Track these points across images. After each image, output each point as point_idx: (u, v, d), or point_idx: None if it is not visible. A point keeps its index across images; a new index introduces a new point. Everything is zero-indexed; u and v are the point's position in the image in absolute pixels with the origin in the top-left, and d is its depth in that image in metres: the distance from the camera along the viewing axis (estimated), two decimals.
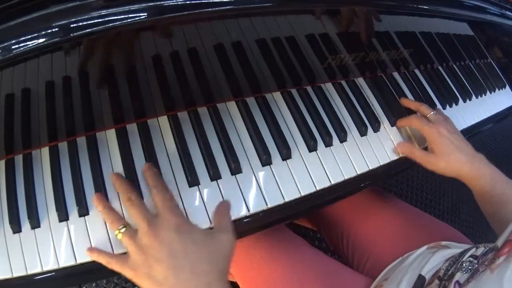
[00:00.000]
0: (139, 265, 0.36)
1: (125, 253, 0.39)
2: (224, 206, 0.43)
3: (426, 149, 0.57)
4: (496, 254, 0.36)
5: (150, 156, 0.45)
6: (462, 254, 0.46)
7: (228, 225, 0.40)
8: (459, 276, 0.41)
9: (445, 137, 0.53)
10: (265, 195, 0.46)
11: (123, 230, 0.39)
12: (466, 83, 0.78)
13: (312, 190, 0.49)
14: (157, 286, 0.35)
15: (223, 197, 0.45)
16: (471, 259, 0.43)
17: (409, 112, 0.62)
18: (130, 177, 0.43)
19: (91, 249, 0.40)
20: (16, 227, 0.40)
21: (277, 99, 0.55)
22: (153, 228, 0.37)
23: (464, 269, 0.42)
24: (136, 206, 0.39)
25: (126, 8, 0.33)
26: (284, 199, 0.47)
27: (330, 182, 0.50)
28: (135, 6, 0.34)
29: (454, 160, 0.52)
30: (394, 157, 0.57)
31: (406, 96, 0.65)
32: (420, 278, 0.48)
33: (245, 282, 0.58)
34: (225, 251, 0.38)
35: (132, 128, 0.47)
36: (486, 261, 0.38)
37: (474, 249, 0.46)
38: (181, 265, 0.36)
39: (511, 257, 0.34)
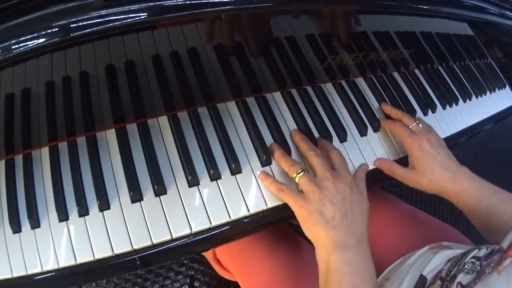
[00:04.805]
0: (314, 201, 0.43)
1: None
2: (362, 171, 0.50)
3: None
4: (503, 256, 0.36)
5: (150, 156, 0.45)
6: (464, 255, 0.46)
7: (365, 192, 0.48)
8: (461, 278, 0.41)
9: (427, 152, 0.50)
10: (265, 195, 0.46)
11: (301, 173, 0.45)
12: (466, 83, 0.78)
13: None
14: (323, 222, 0.42)
15: (223, 197, 0.45)
16: (473, 260, 0.43)
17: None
18: (131, 177, 0.43)
19: (265, 176, 0.47)
20: (16, 227, 0.40)
21: (277, 99, 0.55)
22: (333, 177, 0.44)
23: (466, 270, 0.41)
24: (320, 157, 0.46)
25: (126, 8, 0.34)
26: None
27: None
28: (135, 6, 0.34)
29: (437, 177, 0.49)
30: (394, 157, 0.57)
31: (406, 96, 0.65)
32: (422, 278, 0.48)
33: (245, 282, 0.58)
34: (367, 213, 0.46)
35: (132, 128, 0.47)
36: (492, 262, 0.38)
37: (476, 250, 0.46)
38: (347, 213, 0.43)
39: None
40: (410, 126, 0.54)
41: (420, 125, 0.54)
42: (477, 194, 0.48)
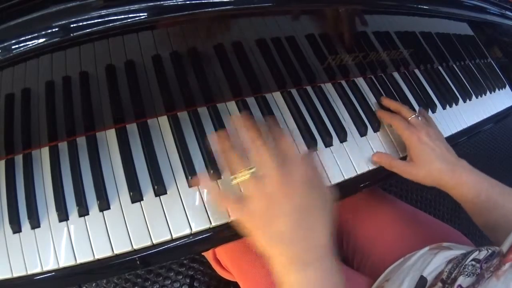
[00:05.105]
0: (259, 214, 0.35)
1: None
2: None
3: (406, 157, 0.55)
4: (502, 260, 0.36)
5: (150, 156, 0.45)
6: (465, 256, 0.45)
7: (321, 177, 0.39)
8: (462, 280, 0.40)
9: (426, 144, 0.50)
10: None
11: (250, 171, 0.36)
12: (466, 83, 0.78)
13: None
14: (270, 241, 0.34)
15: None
16: (473, 262, 0.43)
17: None
18: (131, 177, 0.43)
19: (201, 175, 0.40)
20: (16, 227, 0.40)
21: (277, 99, 0.55)
22: (284, 177, 0.35)
23: (466, 273, 0.41)
24: (268, 150, 0.36)
25: (126, 8, 0.34)
26: None
27: (330, 182, 0.50)
28: (135, 6, 0.34)
29: (435, 169, 0.49)
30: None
31: (406, 96, 0.65)
32: (422, 279, 0.47)
33: (244, 282, 0.58)
34: (331, 208, 0.37)
35: (132, 128, 0.47)
36: (491, 266, 0.37)
37: (477, 252, 0.45)
38: (302, 223, 0.34)
39: None
40: (409, 119, 0.54)
41: (420, 118, 0.54)
42: (476, 187, 0.48)
